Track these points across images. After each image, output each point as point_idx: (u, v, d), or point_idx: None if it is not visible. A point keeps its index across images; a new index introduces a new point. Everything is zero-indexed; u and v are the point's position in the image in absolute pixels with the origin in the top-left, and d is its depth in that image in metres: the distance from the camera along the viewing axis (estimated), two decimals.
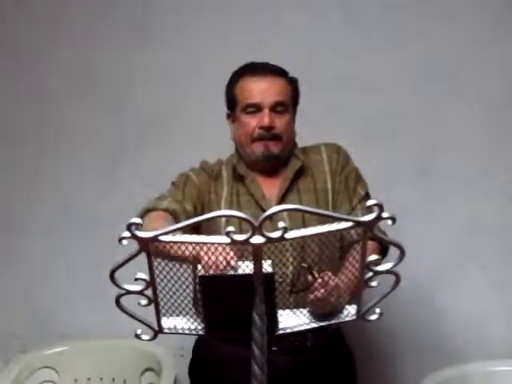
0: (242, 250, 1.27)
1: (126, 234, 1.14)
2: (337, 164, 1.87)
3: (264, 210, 1.70)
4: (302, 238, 1.19)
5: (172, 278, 1.27)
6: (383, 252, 1.72)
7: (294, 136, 1.89)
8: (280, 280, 1.60)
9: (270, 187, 1.83)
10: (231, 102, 1.86)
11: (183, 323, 1.35)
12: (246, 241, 1.14)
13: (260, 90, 1.79)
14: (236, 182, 1.85)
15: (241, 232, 1.15)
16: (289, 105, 1.84)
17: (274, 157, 1.81)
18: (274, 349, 1.64)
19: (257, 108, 1.79)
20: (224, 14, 2.61)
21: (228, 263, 1.26)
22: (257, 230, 1.13)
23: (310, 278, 1.48)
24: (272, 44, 2.49)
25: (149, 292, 1.24)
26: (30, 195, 2.79)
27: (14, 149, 2.80)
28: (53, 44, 2.74)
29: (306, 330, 1.40)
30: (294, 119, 1.88)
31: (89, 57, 2.71)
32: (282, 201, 1.80)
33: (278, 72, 1.83)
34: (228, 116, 1.90)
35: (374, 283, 1.27)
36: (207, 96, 2.56)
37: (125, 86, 2.70)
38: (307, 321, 1.40)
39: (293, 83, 1.86)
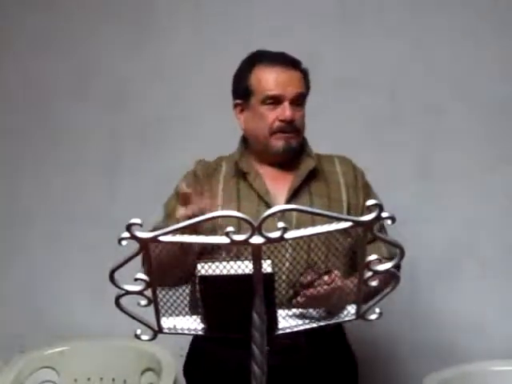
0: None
1: (126, 234, 1.13)
2: (354, 179, 1.84)
3: (268, 205, 1.70)
4: (301, 238, 1.19)
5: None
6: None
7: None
8: (285, 286, 1.60)
9: (277, 182, 1.79)
10: (244, 91, 1.79)
11: (183, 323, 1.35)
12: (246, 241, 1.14)
13: (281, 81, 1.74)
14: (237, 178, 1.80)
15: (240, 230, 1.15)
16: (306, 97, 1.81)
17: (292, 150, 1.79)
18: (266, 348, 1.63)
19: (277, 100, 1.75)
20: (224, 13, 2.61)
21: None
22: (256, 230, 1.12)
23: (320, 268, 1.47)
24: (272, 44, 2.48)
25: (148, 292, 1.23)
26: (29, 195, 2.79)
27: (13, 149, 2.80)
28: (52, 44, 2.74)
29: (302, 331, 1.39)
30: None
31: (88, 57, 2.72)
32: (292, 199, 1.75)
33: (295, 63, 1.79)
34: (235, 105, 1.84)
35: (373, 283, 1.26)
36: (207, 96, 2.57)
37: (125, 86, 2.70)
38: (307, 321, 1.39)
39: (306, 75, 1.83)
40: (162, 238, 1.15)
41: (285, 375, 1.72)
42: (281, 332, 1.36)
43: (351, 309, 1.37)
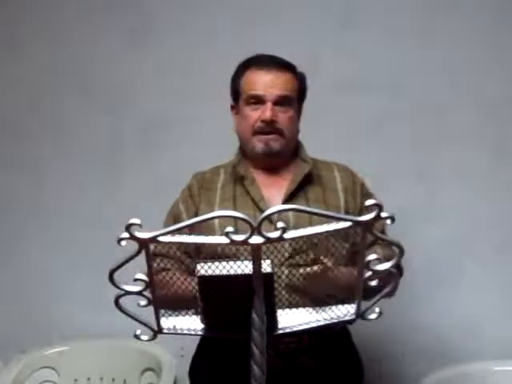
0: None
1: (125, 234, 1.13)
2: (353, 184, 1.83)
3: (262, 211, 1.70)
4: (301, 238, 1.19)
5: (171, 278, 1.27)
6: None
7: (298, 133, 1.86)
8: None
9: (271, 189, 1.79)
10: (235, 92, 1.83)
11: (182, 323, 1.35)
12: (245, 241, 1.14)
13: (264, 82, 1.76)
14: (234, 185, 1.81)
15: (237, 233, 1.15)
16: (293, 100, 1.80)
17: (274, 153, 1.78)
18: (270, 352, 1.64)
19: (259, 101, 1.76)
20: (224, 13, 2.61)
21: None
22: (256, 230, 1.13)
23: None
24: (272, 44, 2.48)
25: (148, 292, 1.23)
26: (29, 195, 2.79)
27: (13, 148, 2.80)
28: (52, 44, 2.74)
29: (304, 332, 1.39)
30: (298, 116, 1.85)
31: (88, 57, 2.72)
32: (288, 204, 1.73)
33: (284, 66, 1.80)
34: (232, 107, 1.87)
35: (373, 282, 1.26)
36: (207, 96, 2.56)
37: (125, 86, 2.70)
38: (307, 320, 1.40)
39: (300, 78, 1.83)
40: (161, 239, 1.15)
41: (290, 377, 1.72)
42: (281, 332, 1.36)
43: (351, 308, 1.37)
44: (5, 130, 2.81)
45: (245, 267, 1.23)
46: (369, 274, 1.24)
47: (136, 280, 1.20)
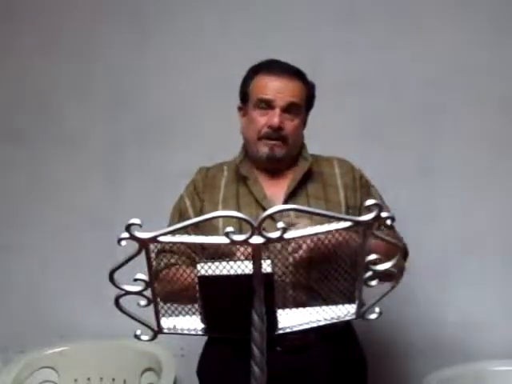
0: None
1: (125, 234, 1.13)
2: (352, 180, 1.85)
3: (265, 210, 1.70)
4: (301, 238, 1.19)
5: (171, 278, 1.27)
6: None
7: (302, 140, 1.89)
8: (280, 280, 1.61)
9: (274, 187, 1.82)
10: (244, 95, 1.85)
11: (183, 323, 1.35)
12: (245, 241, 1.14)
13: (275, 88, 1.78)
14: (237, 183, 1.84)
15: (240, 233, 1.15)
16: (301, 108, 1.83)
17: (276, 159, 1.81)
18: (278, 349, 1.67)
19: (268, 105, 1.78)
20: (224, 14, 2.61)
21: None
22: (256, 230, 1.13)
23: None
24: (272, 44, 2.49)
25: (148, 292, 1.23)
26: (30, 195, 2.79)
27: (14, 149, 2.80)
28: (52, 44, 2.74)
29: (307, 330, 1.39)
30: (304, 123, 1.88)
31: (89, 56, 2.72)
32: (289, 202, 1.77)
33: (295, 73, 1.82)
34: (239, 109, 1.89)
35: (373, 282, 1.26)
36: (207, 96, 2.57)
37: (125, 88, 2.70)
38: (307, 320, 1.40)
39: (309, 87, 1.85)
40: (161, 239, 1.15)
41: (295, 374, 1.73)
42: (281, 332, 1.36)
43: (351, 308, 1.37)
44: (5, 132, 2.81)
45: (245, 267, 1.23)
46: (369, 273, 1.24)
47: (136, 280, 1.20)
